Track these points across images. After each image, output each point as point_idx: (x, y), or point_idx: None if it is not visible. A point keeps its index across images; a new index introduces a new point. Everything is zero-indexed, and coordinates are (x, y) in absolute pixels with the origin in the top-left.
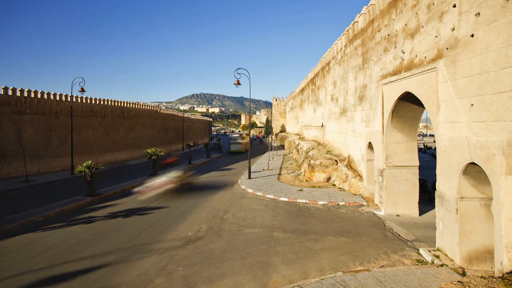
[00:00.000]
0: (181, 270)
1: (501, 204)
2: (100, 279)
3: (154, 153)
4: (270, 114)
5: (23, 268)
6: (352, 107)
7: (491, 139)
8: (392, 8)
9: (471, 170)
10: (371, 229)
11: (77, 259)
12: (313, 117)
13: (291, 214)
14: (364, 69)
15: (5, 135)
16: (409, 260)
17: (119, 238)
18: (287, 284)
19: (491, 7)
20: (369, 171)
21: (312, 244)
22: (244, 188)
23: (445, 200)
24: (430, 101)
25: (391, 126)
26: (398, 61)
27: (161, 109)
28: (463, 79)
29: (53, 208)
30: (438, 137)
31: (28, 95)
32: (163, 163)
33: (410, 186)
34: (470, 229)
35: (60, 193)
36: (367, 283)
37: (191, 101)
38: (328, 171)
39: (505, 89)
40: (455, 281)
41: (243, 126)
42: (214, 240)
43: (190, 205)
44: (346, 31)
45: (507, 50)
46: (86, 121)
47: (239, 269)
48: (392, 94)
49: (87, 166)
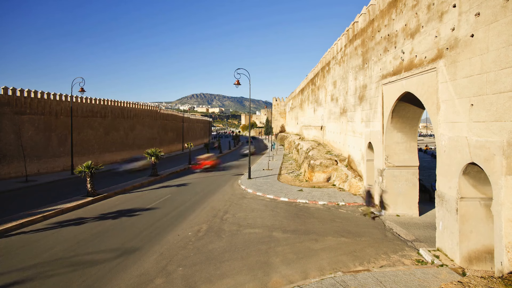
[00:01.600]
0: (181, 270)
1: (501, 204)
2: (100, 279)
3: (154, 153)
4: (270, 114)
5: (22, 268)
6: (352, 107)
7: (491, 139)
8: (392, 8)
9: (471, 170)
10: (371, 229)
11: (77, 259)
12: (313, 117)
13: (291, 214)
14: (364, 69)
15: (5, 135)
16: (409, 260)
17: (120, 238)
18: (287, 284)
19: (491, 7)
20: (369, 171)
21: (312, 244)
22: (244, 188)
23: (445, 200)
24: (430, 101)
25: (391, 126)
26: (398, 61)
27: (161, 109)
28: (463, 79)
29: (53, 208)
30: (438, 137)
31: (28, 95)
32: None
33: (410, 186)
34: (470, 229)
35: (60, 193)
36: (367, 283)
37: (191, 101)
38: (328, 171)
39: (505, 89)
40: (455, 281)
41: (243, 126)
42: (214, 240)
43: (191, 204)
44: (346, 31)
45: (507, 50)
46: (86, 121)
47: (239, 269)
48: (392, 94)
49: (87, 166)
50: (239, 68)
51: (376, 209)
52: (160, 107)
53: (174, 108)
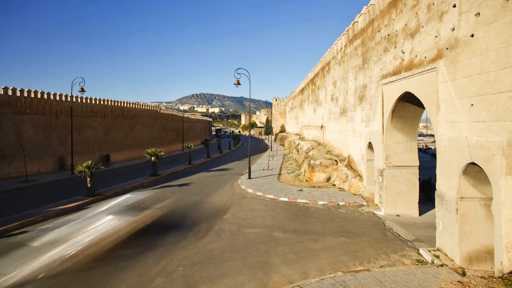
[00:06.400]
0: (181, 270)
1: (501, 204)
2: (100, 279)
3: (154, 153)
4: (270, 114)
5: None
6: (352, 107)
7: (491, 139)
8: (392, 8)
9: (471, 170)
10: (371, 229)
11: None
12: (313, 117)
13: (291, 214)
14: (364, 69)
15: (5, 135)
16: (409, 260)
17: (120, 237)
18: (287, 284)
19: (491, 7)
20: (369, 171)
21: (312, 244)
22: (244, 188)
23: (445, 200)
24: (430, 101)
25: (391, 126)
26: (398, 61)
27: (161, 109)
28: (463, 79)
29: (53, 208)
30: (438, 137)
31: (28, 95)
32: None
33: (410, 186)
34: (470, 229)
35: (60, 193)
36: (367, 283)
37: (191, 101)
38: (328, 171)
39: (505, 89)
40: (455, 281)
41: (243, 126)
42: (214, 240)
43: (191, 204)
44: (346, 31)
45: (507, 50)
46: (86, 121)
47: (239, 269)
48: (392, 94)
49: (87, 166)
50: (239, 68)
51: (376, 208)
52: (160, 107)
53: (174, 108)
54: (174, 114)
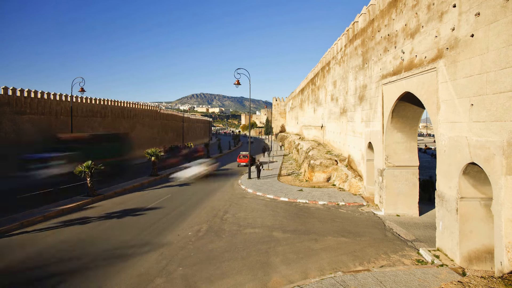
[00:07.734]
0: (181, 270)
1: (501, 204)
2: (100, 279)
3: (154, 153)
4: (270, 114)
5: (20, 269)
6: (352, 107)
7: (491, 139)
8: (392, 8)
9: (471, 170)
10: (371, 229)
11: (77, 259)
12: (313, 117)
13: (291, 214)
14: (364, 69)
15: (5, 135)
16: (409, 260)
17: (120, 238)
18: (287, 284)
19: (491, 7)
20: (369, 171)
21: (312, 244)
22: (244, 188)
23: (445, 200)
24: (430, 101)
25: (391, 126)
26: (398, 61)
27: (161, 109)
28: (463, 79)
29: (53, 208)
30: (438, 137)
31: (28, 95)
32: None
33: (410, 186)
34: (470, 229)
35: (60, 193)
36: (367, 283)
37: (191, 101)
38: (328, 171)
39: (505, 89)
40: (455, 281)
41: (243, 126)
42: (214, 240)
43: (191, 204)
44: (346, 31)
45: (507, 50)
46: (86, 121)
47: (239, 269)
48: (392, 94)
49: (87, 166)
50: (239, 68)
51: (376, 208)
52: (160, 107)
53: (174, 108)
54: (174, 114)
